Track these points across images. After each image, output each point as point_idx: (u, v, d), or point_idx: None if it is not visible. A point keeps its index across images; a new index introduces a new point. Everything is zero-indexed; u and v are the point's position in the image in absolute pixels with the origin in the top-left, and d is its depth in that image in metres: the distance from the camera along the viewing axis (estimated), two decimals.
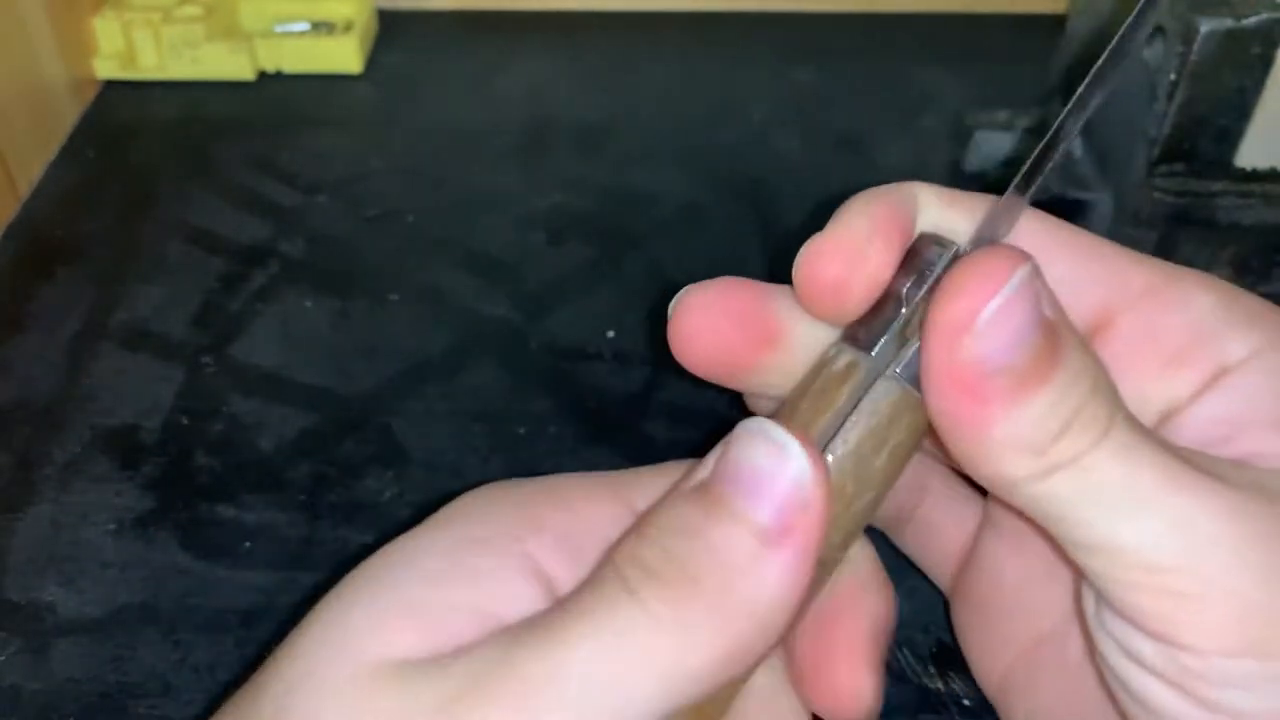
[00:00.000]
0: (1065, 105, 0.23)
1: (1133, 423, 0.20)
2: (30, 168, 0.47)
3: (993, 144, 0.47)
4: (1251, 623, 0.18)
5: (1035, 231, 0.23)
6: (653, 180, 0.48)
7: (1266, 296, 0.43)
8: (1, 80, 0.45)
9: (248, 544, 0.33)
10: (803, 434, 0.19)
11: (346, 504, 0.35)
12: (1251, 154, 0.39)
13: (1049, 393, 0.19)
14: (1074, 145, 0.45)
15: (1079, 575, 0.21)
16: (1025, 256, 0.19)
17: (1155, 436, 0.20)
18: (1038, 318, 0.19)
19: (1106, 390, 0.19)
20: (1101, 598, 0.20)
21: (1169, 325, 0.22)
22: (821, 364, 0.22)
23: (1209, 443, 0.21)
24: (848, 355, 0.22)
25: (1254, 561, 0.18)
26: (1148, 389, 0.22)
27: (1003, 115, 0.47)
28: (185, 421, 0.37)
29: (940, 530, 0.29)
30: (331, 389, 0.38)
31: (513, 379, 0.39)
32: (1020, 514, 0.21)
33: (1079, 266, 0.22)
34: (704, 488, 0.19)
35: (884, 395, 0.21)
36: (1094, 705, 0.23)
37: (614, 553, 0.19)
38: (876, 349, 0.21)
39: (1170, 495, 0.19)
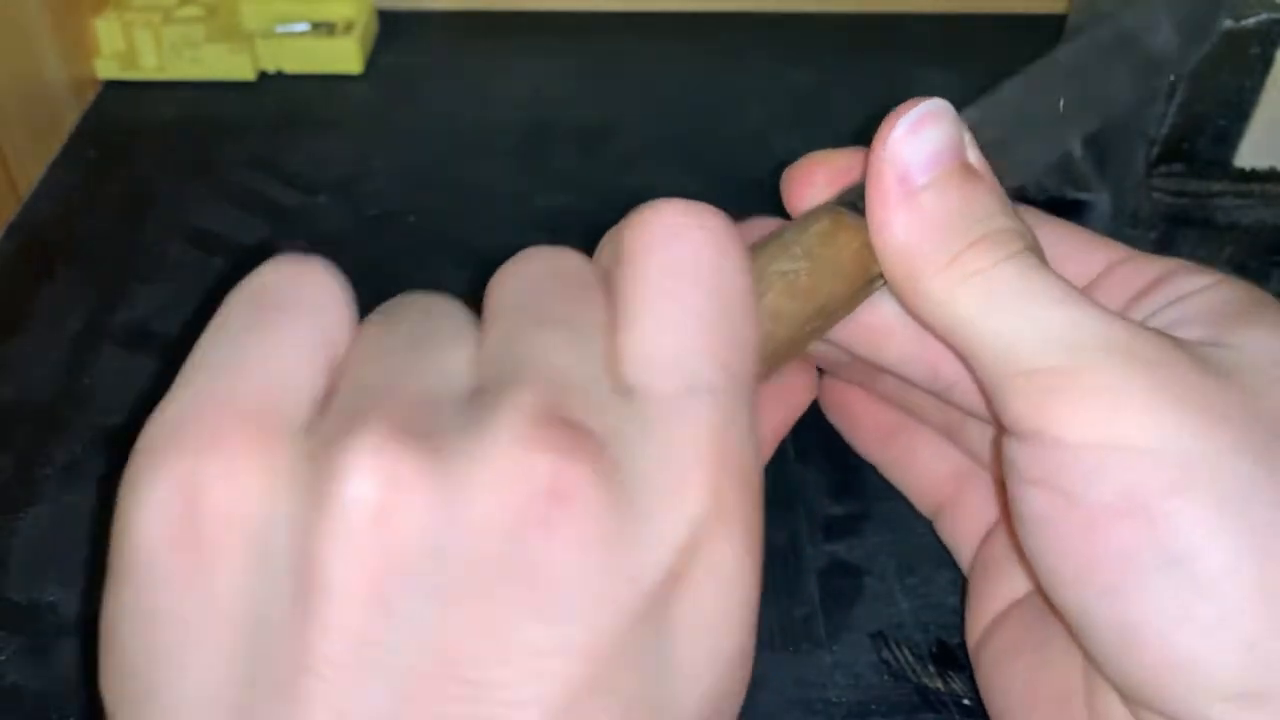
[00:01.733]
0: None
1: (1042, 258, 0.22)
2: (31, 168, 0.47)
3: None
4: (1107, 415, 0.20)
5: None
6: (653, 180, 0.48)
7: None
8: (2, 80, 0.45)
9: None
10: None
11: None
12: (1251, 154, 0.39)
13: (963, 203, 0.22)
14: (1073, 145, 0.45)
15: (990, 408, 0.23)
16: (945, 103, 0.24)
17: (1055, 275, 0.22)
18: (958, 149, 0.23)
19: (1026, 234, 0.22)
20: (995, 416, 0.22)
21: (1134, 280, 0.24)
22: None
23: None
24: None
25: (1120, 362, 0.20)
26: None
27: None
28: None
29: (971, 513, 0.30)
30: None
31: None
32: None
33: (1070, 252, 0.25)
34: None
35: (824, 217, 0.24)
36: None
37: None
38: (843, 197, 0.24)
39: (1059, 308, 0.21)
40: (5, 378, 0.39)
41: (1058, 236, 0.26)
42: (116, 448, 0.36)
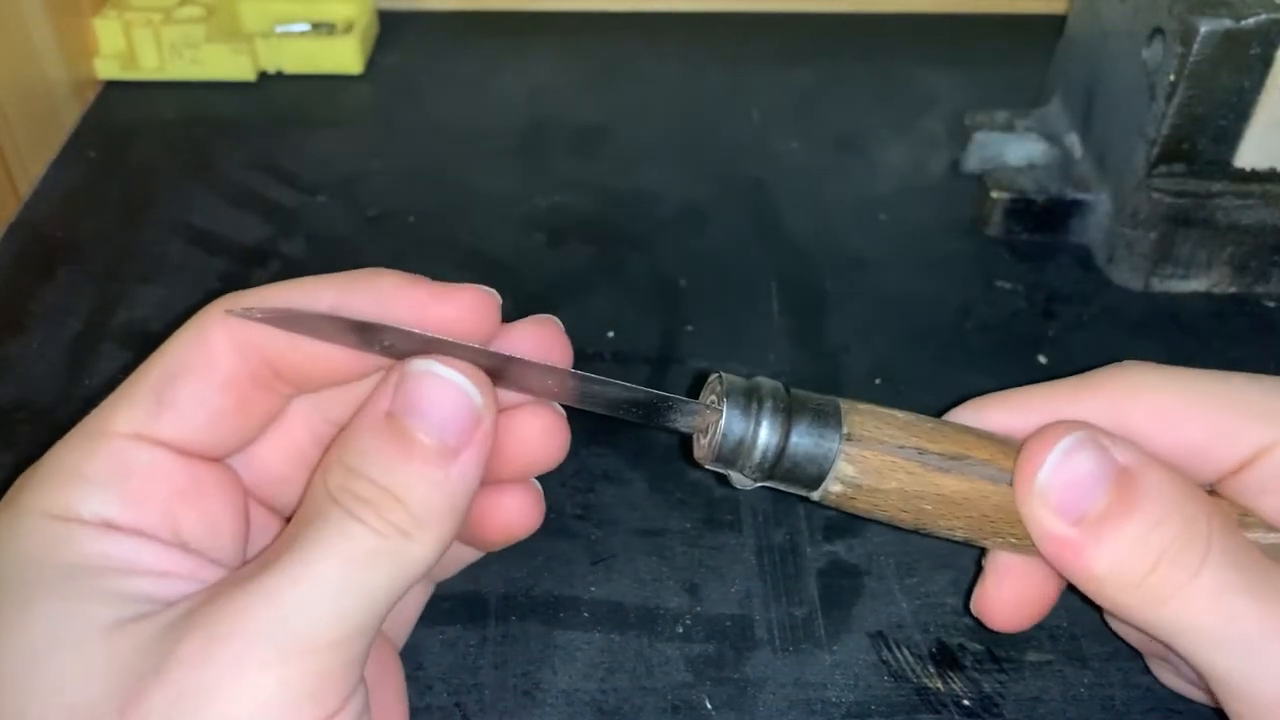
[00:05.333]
0: (1063, 107, 0.24)
1: (1232, 557, 0.22)
2: (31, 168, 0.47)
3: (992, 144, 0.47)
4: None
5: (1171, 402, 0.25)
6: (653, 180, 0.48)
7: (1265, 296, 0.44)
8: (2, 80, 0.45)
9: None
10: (470, 368, 0.23)
11: None
12: (1251, 154, 0.39)
13: (1135, 527, 0.22)
14: (1073, 145, 0.45)
15: None
16: (1076, 425, 0.24)
17: (1261, 571, 0.22)
18: (1105, 468, 0.23)
19: (1202, 527, 0.22)
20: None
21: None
22: None
23: None
24: None
25: None
26: None
27: (1002, 115, 0.48)
28: None
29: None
30: None
31: None
32: None
33: (1220, 420, 0.25)
34: (392, 422, 0.22)
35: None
36: None
37: (328, 485, 0.22)
38: None
39: (1260, 639, 0.21)
40: (6, 378, 0.39)
41: (1209, 420, 0.25)
42: None
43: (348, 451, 0.22)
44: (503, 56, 0.56)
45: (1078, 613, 0.31)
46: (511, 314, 0.24)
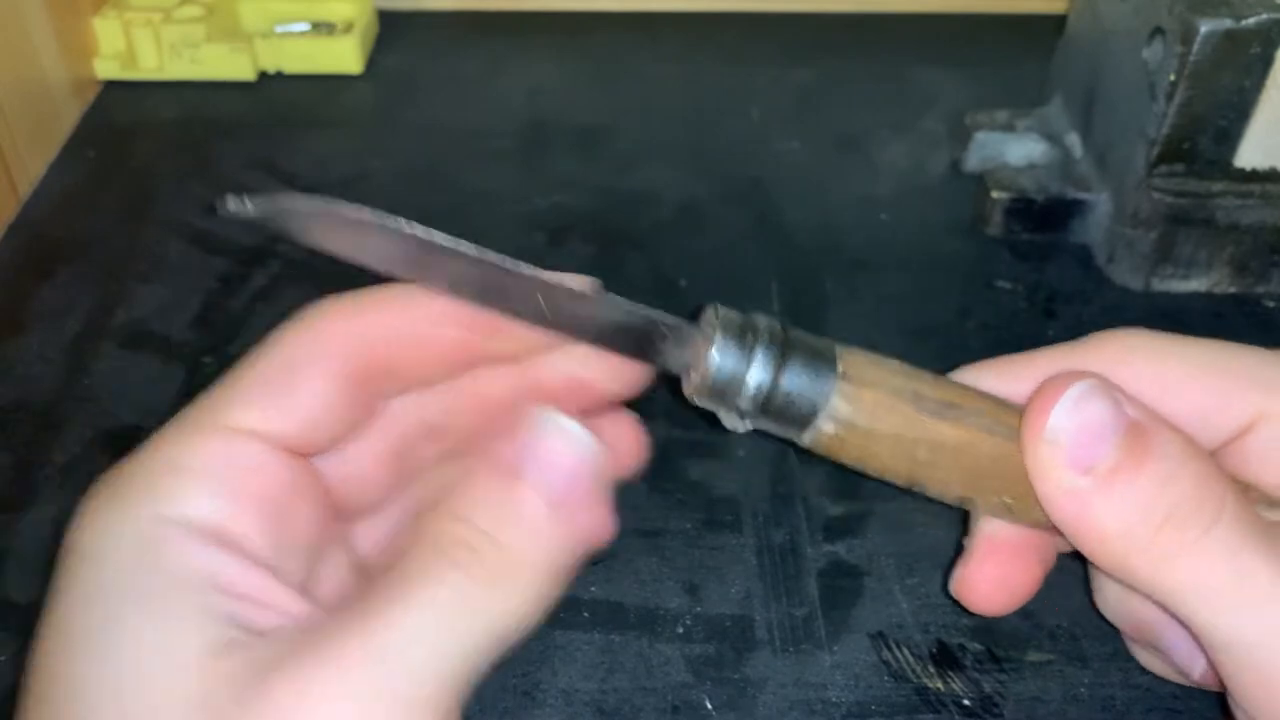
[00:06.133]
0: (1064, 107, 0.24)
1: (1244, 519, 0.21)
2: (31, 168, 0.47)
3: (992, 144, 0.47)
4: None
5: (1167, 368, 0.25)
6: (653, 180, 0.48)
7: (1265, 296, 0.44)
8: (2, 80, 0.45)
9: None
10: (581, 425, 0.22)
11: None
12: (1251, 154, 0.39)
13: (1145, 482, 0.21)
14: (1073, 145, 0.45)
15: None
16: (1089, 374, 0.22)
17: (1269, 532, 0.21)
18: (1116, 418, 0.22)
19: (1214, 485, 0.22)
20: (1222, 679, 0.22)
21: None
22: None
23: None
24: None
25: None
26: None
27: (1003, 115, 0.48)
28: None
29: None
30: None
31: None
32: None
33: (1216, 386, 0.25)
34: (507, 472, 0.21)
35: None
36: None
37: (436, 533, 0.21)
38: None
39: (1274, 600, 0.21)
40: (5, 378, 0.39)
41: (1206, 387, 0.25)
42: (116, 448, 0.36)
43: (459, 500, 0.21)
44: (503, 56, 0.56)
45: (1078, 613, 0.31)
46: None
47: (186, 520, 0.21)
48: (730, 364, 0.23)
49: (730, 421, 0.24)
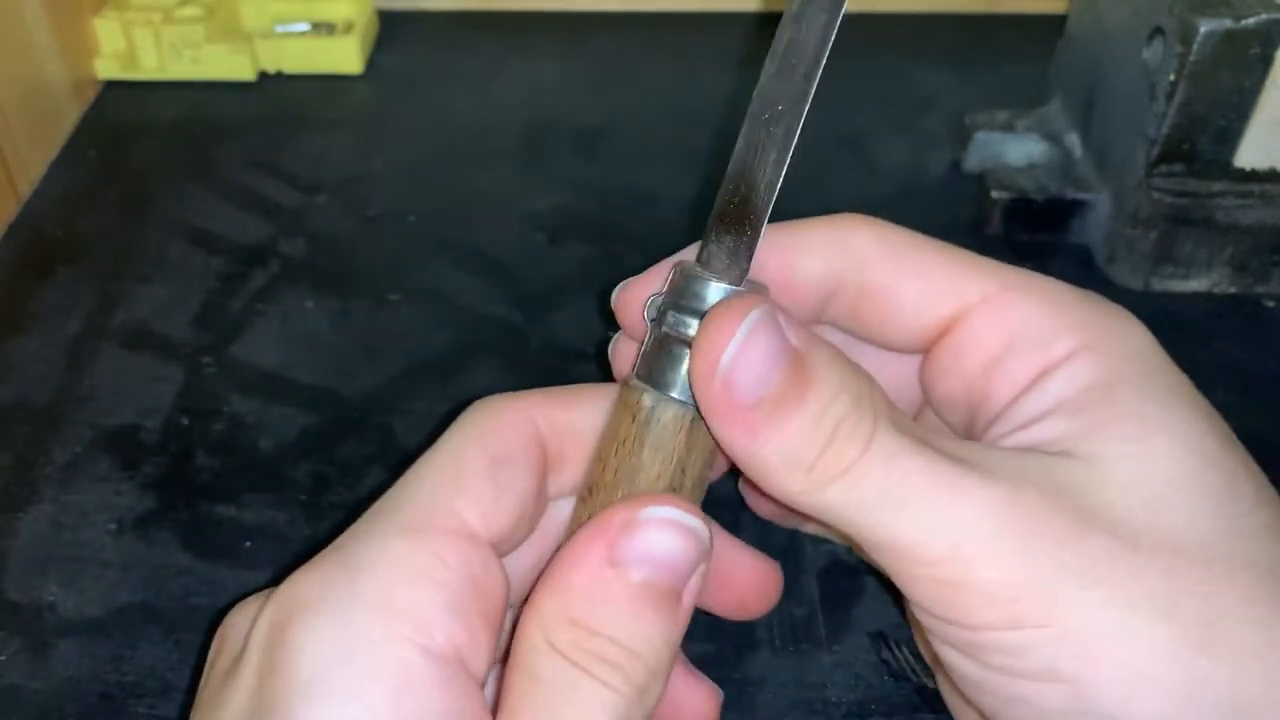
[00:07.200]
0: (1064, 107, 0.24)
1: (898, 429, 0.22)
2: (31, 168, 0.47)
3: (992, 144, 0.47)
4: (1006, 601, 0.21)
5: (888, 254, 0.26)
6: (653, 180, 0.48)
7: (1265, 296, 0.44)
8: (2, 80, 0.45)
9: (248, 544, 0.33)
10: (696, 509, 0.22)
11: (347, 504, 0.35)
12: (1251, 154, 0.39)
13: (806, 412, 0.21)
14: (1073, 145, 0.45)
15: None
16: (757, 300, 0.22)
17: (923, 438, 0.22)
18: (781, 349, 0.22)
19: (869, 402, 0.22)
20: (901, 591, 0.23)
21: (992, 332, 0.24)
22: (630, 409, 0.24)
23: (1035, 441, 0.23)
24: (651, 399, 0.23)
25: (1007, 545, 0.21)
26: (975, 388, 0.25)
27: (1003, 115, 0.48)
28: (185, 421, 0.37)
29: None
30: (332, 389, 0.38)
31: (513, 379, 0.39)
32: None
33: (929, 283, 0.25)
34: (623, 573, 0.21)
35: (704, 433, 0.23)
36: None
37: (555, 641, 0.21)
38: (676, 389, 0.23)
39: (931, 493, 0.21)
40: (5, 378, 0.39)
41: (929, 265, 0.25)
42: (116, 448, 0.36)
43: (571, 603, 0.21)
44: (503, 56, 0.56)
45: None
46: (511, 313, 0.24)
47: (429, 637, 0.21)
48: None
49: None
